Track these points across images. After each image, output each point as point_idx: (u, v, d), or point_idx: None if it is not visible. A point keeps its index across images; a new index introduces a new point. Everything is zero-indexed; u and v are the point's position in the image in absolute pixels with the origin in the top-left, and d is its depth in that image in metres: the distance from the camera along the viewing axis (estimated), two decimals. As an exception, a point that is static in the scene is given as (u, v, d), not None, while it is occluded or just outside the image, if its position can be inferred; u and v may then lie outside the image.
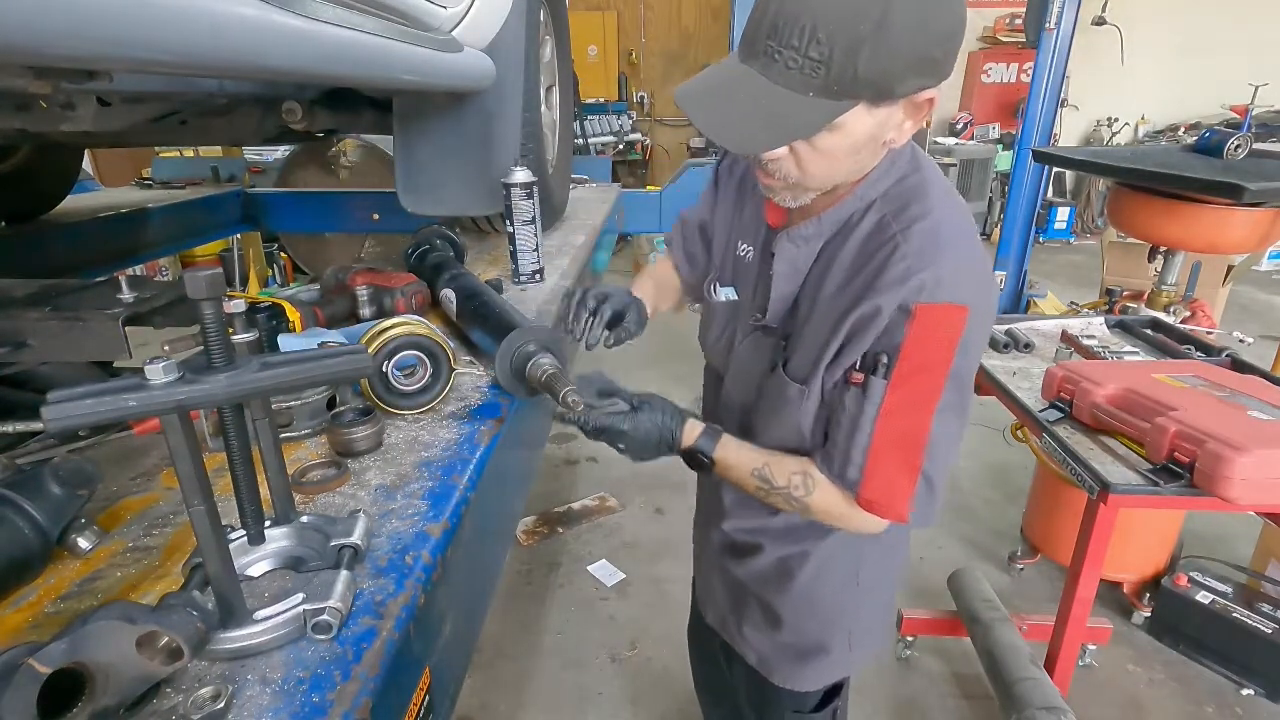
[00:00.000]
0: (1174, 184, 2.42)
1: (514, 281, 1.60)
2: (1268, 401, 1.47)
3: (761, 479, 0.94)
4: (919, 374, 0.81)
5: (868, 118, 0.75)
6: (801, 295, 0.93)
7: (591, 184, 3.25)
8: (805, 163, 0.79)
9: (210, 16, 0.66)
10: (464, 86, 1.51)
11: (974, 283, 0.82)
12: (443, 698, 0.73)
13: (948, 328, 0.80)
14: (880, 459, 0.85)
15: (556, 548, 2.84)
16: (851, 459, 0.86)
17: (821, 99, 0.71)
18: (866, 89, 0.71)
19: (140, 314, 1.03)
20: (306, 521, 0.71)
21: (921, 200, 0.84)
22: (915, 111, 0.79)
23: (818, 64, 0.69)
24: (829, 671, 1.15)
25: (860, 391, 0.83)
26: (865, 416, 0.84)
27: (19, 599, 0.66)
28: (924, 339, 0.80)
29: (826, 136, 0.75)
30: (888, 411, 0.83)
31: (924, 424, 0.83)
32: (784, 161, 0.80)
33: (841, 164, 0.81)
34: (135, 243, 2.36)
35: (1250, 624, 2.07)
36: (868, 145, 0.79)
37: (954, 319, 0.79)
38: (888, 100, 0.74)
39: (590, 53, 7.92)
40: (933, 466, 0.85)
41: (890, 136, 0.80)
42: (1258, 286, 5.99)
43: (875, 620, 1.17)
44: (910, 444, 0.84)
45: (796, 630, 1.11)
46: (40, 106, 1.02)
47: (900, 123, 0.79)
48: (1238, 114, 5.67)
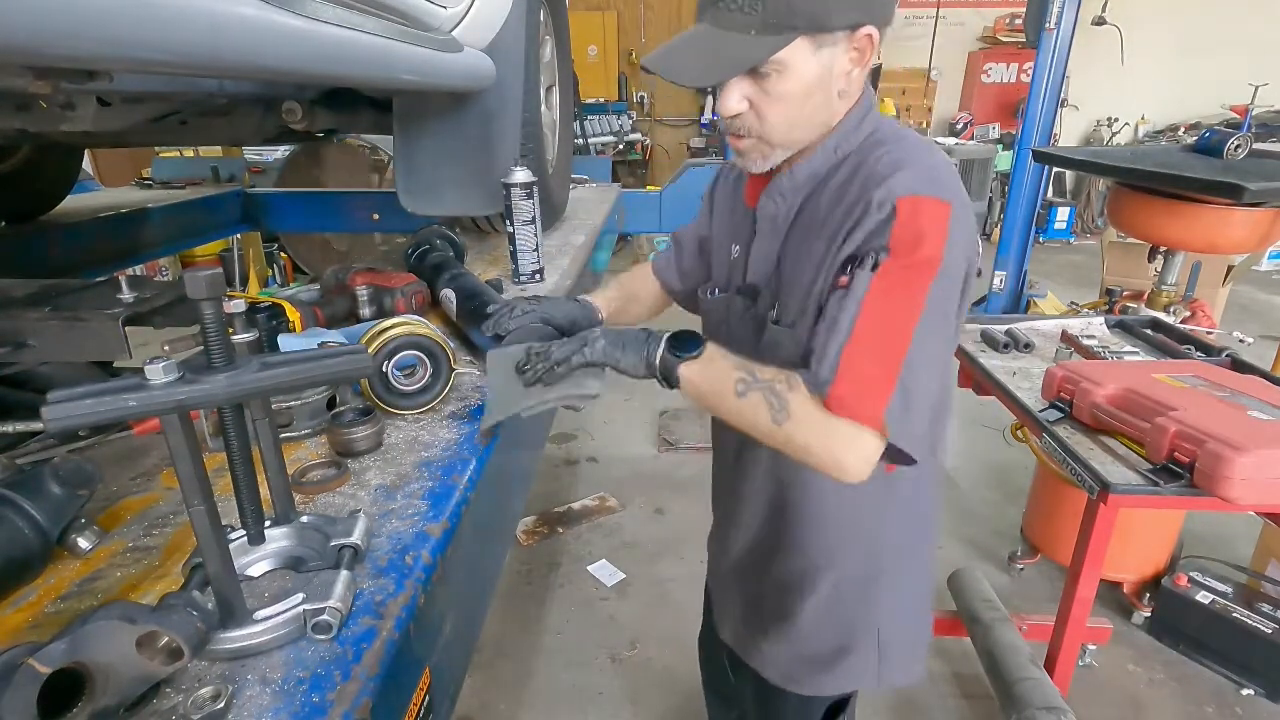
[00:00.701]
0: (1174, 184, 2.42)
1: (514, 281, 1.60)
2: (1268, 401, 1.47)
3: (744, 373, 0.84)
4: (906, 269, 0.79)
5: (812, 59, 0.81)
6: (784, 252, 0.94)
7: (591, 184, 3.25)
8: (763, 111, 0.85)
9: (210, 16, 0.66)
10: (464, 86, 1.51)
11: (951, 187, 0.83)
12: (443, 698, 0.73)
13: (932, 218, 0.80)
14: (855, 355, 0.79)
15: (556, 548, 2.84)
16: (827, 356, 0.80)
17: (763, 35, 0.79)
18: (802, 19, 0.78)
19: (140, 314, 1.03)
20: (306, 521, 0.71)
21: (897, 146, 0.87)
22: (859, 57, 0.84)
23: (755, 3, 0.78)
24: (856, 680, 1.11)
25: (844, 291, 0.81)
26: (846, 313, 0.80)
27: (19, 599, 0.66)
28: (911, 231, 0.79)
29: (778, 80, 0.82)
30: (870, 305, 0.79)
31: (908, 322, 0.79)
32: (746, 116, 0.85)
33: (797, 110, 0.85)
34: (135, 243, 2.36)
35: (1250, 624, 2.07)
36: (819, 90, 0.84)
37: (938, 210, 0.80)
38: (825, 32, 0.80)
39: (590, 53, 7.92)
40: (911, 378, 0.78)
41: (840, 86, 0.85)
42: (1258, 286, 5.99)
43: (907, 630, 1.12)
44: (889, 344, 0.79)
45: (820, 640, 1.08)
46: (40, 106, 1.02)
47: (847, 70, 0.84)
48: (1238, 114, 5.68)
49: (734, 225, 1.07)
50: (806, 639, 1.09)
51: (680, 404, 3.90)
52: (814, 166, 0.91)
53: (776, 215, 0.95)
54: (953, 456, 3.47)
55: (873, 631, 1.07)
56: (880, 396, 0.78)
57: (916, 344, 0.79)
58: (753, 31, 0.79)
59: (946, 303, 0.82)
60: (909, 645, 1.13)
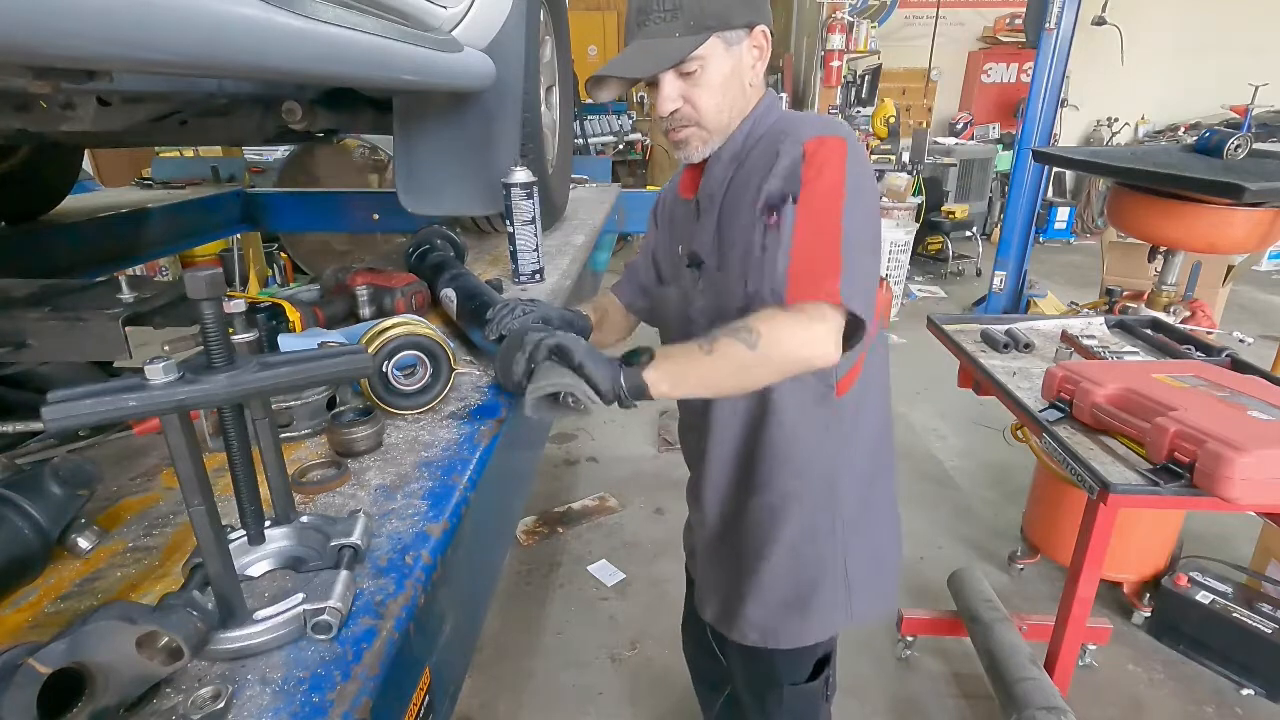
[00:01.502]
0: (1174, 184, 2.42)
1: (514, 281, 1.60)
2: (1268, 401, 1.47)
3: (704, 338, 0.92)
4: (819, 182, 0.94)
5: (725, 55, 1.00)
6: (720, 218, 1.07)
7: (591, 184, 3.26)
8: (696, 100, 1.02)
9: (211, 16, 0.66)
10: (464, 86, 1.51)
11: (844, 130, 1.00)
12: (443, 698, 0.73)
13: (837, 150, 0.96)
14: (799, 258, 0.93)
15: (556, 548, 2.84)
16: (776, 270, 0.94)
17: (685, 36, 0.97)
18: (713, 19, 0.97)
19: (140, 314, 1.02)
20: (306, 521, 0.71)
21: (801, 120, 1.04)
22: (759, 54, 1.04)
23: (674, 13, 0.97)
24: (829, 619, 1.18)
25: (777, 226, 0.95)
26: (784, 236, 0.94)
27: (19, 599, 0.66)
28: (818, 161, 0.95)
29: (702, 74, 1.00)
30: (800, 220, 0.94)
31: (835, 217, 0.93)
32: (683, 109, 1.02)
33: (721, 97, 1.02)
34: (135, 243, 2.36)
35: (1250, 624, 2.07)
36: (734, 80, 1.02)
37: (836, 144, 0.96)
38: (731, 29, 0.99)
39: (590, 53, 7.92)
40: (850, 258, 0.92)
41: (749, 78, 1.04)
42: (1258, 286, 5.99)
43: (871, 565, 1.19)
44: (825, 240, 0.93)
45: (792, 582, 1.15)
46: (40, 106, 1.02)
47: (752, 65, 1.03)
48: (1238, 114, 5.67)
49: (676, 228, 1.20)
50: (780, 584, 1.16)
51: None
52: (734, 147, 1.07)
53: (714, 193, 1.08)
54: (953, 456, 3.47)
55: (840, 567, 1.15)
56: (831, 276, 0.91)
57: (847, 232, 0.93)
58: (676, 35, 0.97)
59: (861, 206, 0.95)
60: (876, 579, 1.21)
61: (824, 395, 1.09)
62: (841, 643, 1.30)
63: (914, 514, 2.99)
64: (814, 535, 1.14)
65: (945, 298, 5.93)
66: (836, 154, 0.96)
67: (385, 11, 1.10)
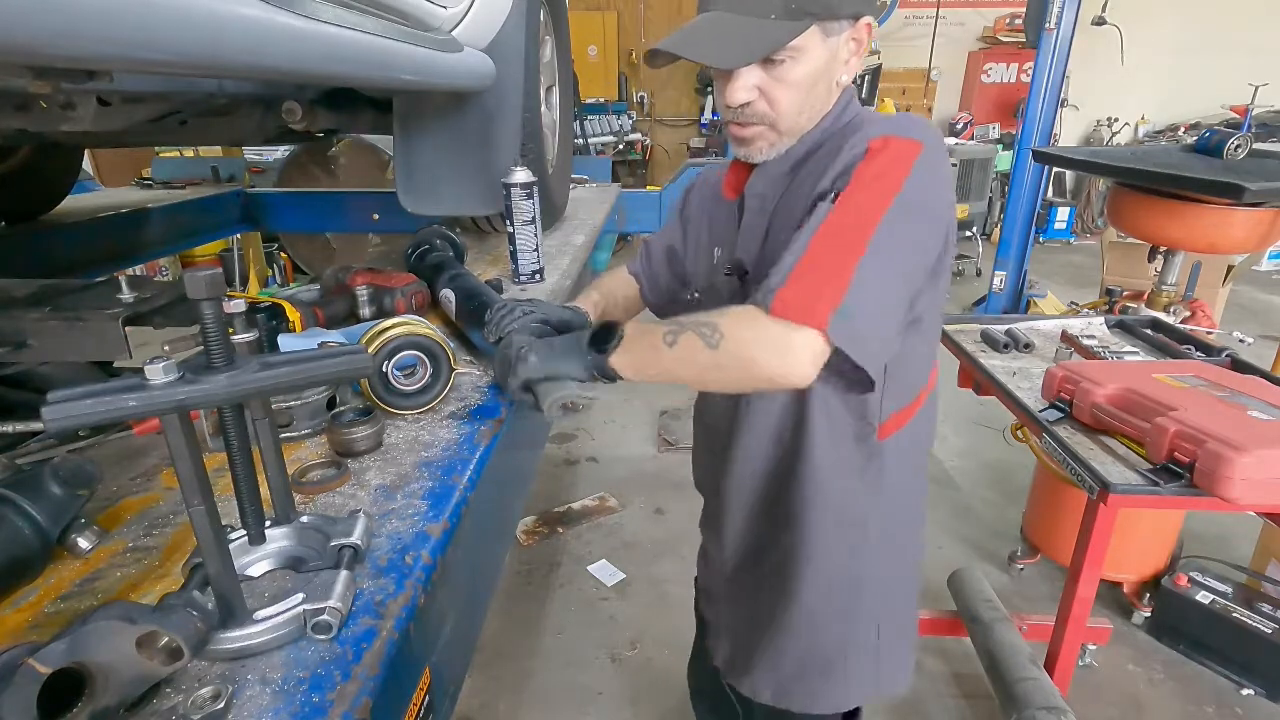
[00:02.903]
0: (1174, 184, 2.42)
1: (514, 281, 1.60)
2: (1268, 401, 1.47)
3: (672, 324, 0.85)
4: (863, 192, 0.80)
5: (821, 47, 0.86)
6: (770, 226, 0.95)
7: (591, 184, 3.25)
8: (775, 98, 0.88)
9: (211, 16, 0.66)
10: (464, 86, 1.51)
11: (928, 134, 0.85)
12: (443, 698, 0.73)
13: (900, 156, 0.82)
14: (806, 265, 0.78)
15: (556, 548, 2.84)
16: (781, 268, 0.80)
17: (783, 20, 0.82)
18: (818, 5, 0.83)
19: (140, 314, 1.02)
20: (306, 521, 0.71)
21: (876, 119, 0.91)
22: (857, 47, 0.90)
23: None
24: (856, 690, 1.09)
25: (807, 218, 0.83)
26: (804, 234, 0.81)
27: (19, 599, 0.66)
28: (874, 165, 0.81)
29: (791, 66, 0.85)
30: (826, 226, 0.80)
31: (861, 238, 0.78)
32: (757, 103, 0.88)
33: (805, 96, 0.89)
34: (135, 243, 2.36)
35: (1250, 624, 2.07)
36: (824, 77, 0.89)
37: (908, 149, 0.82)
38: (834, 19, 0.85)
39: (590, 53, 7.92)
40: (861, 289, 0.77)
41: (840, 74, 0.91)
42: (1258, 286, 5.99)
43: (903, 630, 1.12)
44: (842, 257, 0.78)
45: (812, 644, 1.06)
46: (40, 106, 1.02)
47: (846, 59, 0.90)
48: (1238, 114, 5.67)
49: (715, 228, 1.08)
50: (800, 645, 1.06)
51: (680, 404, 3.90)
52: (801, 146, 0.94)
53: (765, 194, 0.97)
54: (953, 456, 3.47)
55: (872, 631, 1.07)
56: (827, 299, 0.77)
57: (874, 249, 0.78)
58: (773, 16, 0.82)
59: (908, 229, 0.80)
60: (903, 649, 1.13)
61: (863, 434, 0.97)
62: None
63: (914, 514, 2.99)
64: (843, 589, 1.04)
65: (945, 298, 5.93)
66: (902, 158, 0.81)
67: (385, 11, 1.10)
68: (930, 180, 0.83)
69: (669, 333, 0.84)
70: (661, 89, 8.41)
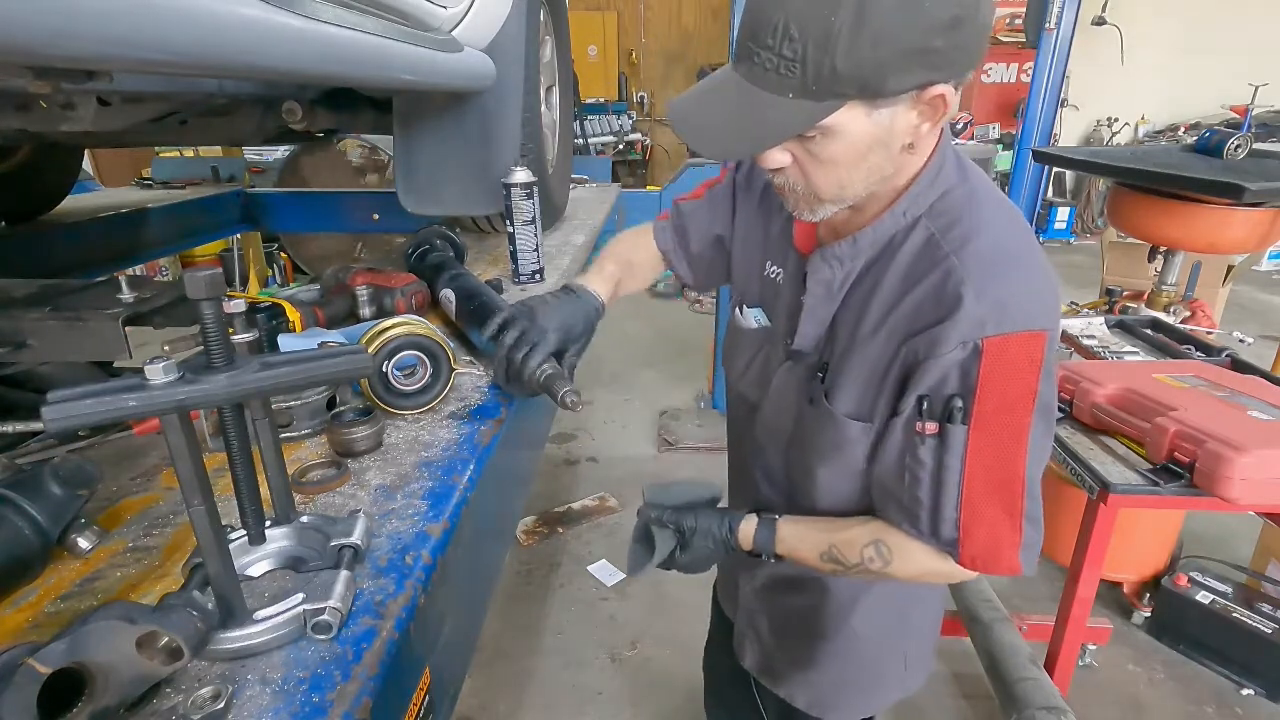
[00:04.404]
0: (1174, 184, 2.42)
1: (514, 281, 1.59)
2: (1268, 401, 1.47)
3: (833, 561, 0.87)
4: (1002, 413, 0.73)
5: (866, 120, 0.69)
6: (839, 320, 0.85)
7: (591, 184, 3.25)
8: (810, 173, 0.74)
9: (211, 16, 0.66)
10: (464, 86, 1.51)
11: (1046, 302, 0.74)
12: (443, 698, 0.73)
13: (1026, 358, 0.72)
14: (977, 512, 0.77)
15: (556, 548, 2.84)
16: (943, 516, 0.78)
17: (802, 100, 0.66)
18: (850, 86, 0.65)
19: (140, 314, 1.02)
20: (306, 521, 0.71)
21: (973, 214, 0.77)
22: (930, 111, 0.70)
23: (792, 62, 0.64)
24: (886, 696, 1.11)
25: (938, 441, 0.76)
26: (949, 469, 0.76)
27: (19, 599, 0.66)
28: (1000, 375, 0.72)
29: (824, 143, 0.70)
30: (975, 459, 0.75)
31: (1018, 465, 0.75)
32: (789, 171, 0.76)
33: (849, 173, 0.74)
34: (135, 243, 2.36)
35: (1250, 624, 2.07)
36: (876, 150, 0.72)
37: (1031, 347, 0.72)
38: (881, 98, 0.67)
39: (590, 53, 7.92)
40: (1034, 506, 0.77)
41: (907, 141, 0.73)
42: (1258, 286, 5.99)
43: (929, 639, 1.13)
44: (1007, 490, 0.76)
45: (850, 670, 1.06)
46: (40, 106, 1.02)
47: (915, 125, 0.71)
48: (1238, 114, 5.67)
49: (771, 243, 0.96)
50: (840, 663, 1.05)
51: (680, 404, 3.90)
52: (879, 232, 0.80)
53: (832, 282, 0.84)
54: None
55: (902, 645, 1.07)
56: (1014, 545, 0.78)
57: (1030, 482, 0.77)
58: (790, 95, 0.66)
59: (1048, 410, 0.76)
60: (928, 649, 1.14)
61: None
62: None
63: (914, 514, 2.99)
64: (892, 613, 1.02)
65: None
66: (1031, 365, 0.72)
67: (385, 11, 1.10)
68: (1052, 373, 0.75)
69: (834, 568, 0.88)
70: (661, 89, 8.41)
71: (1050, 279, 0.77)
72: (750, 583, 1.14)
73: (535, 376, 0.96)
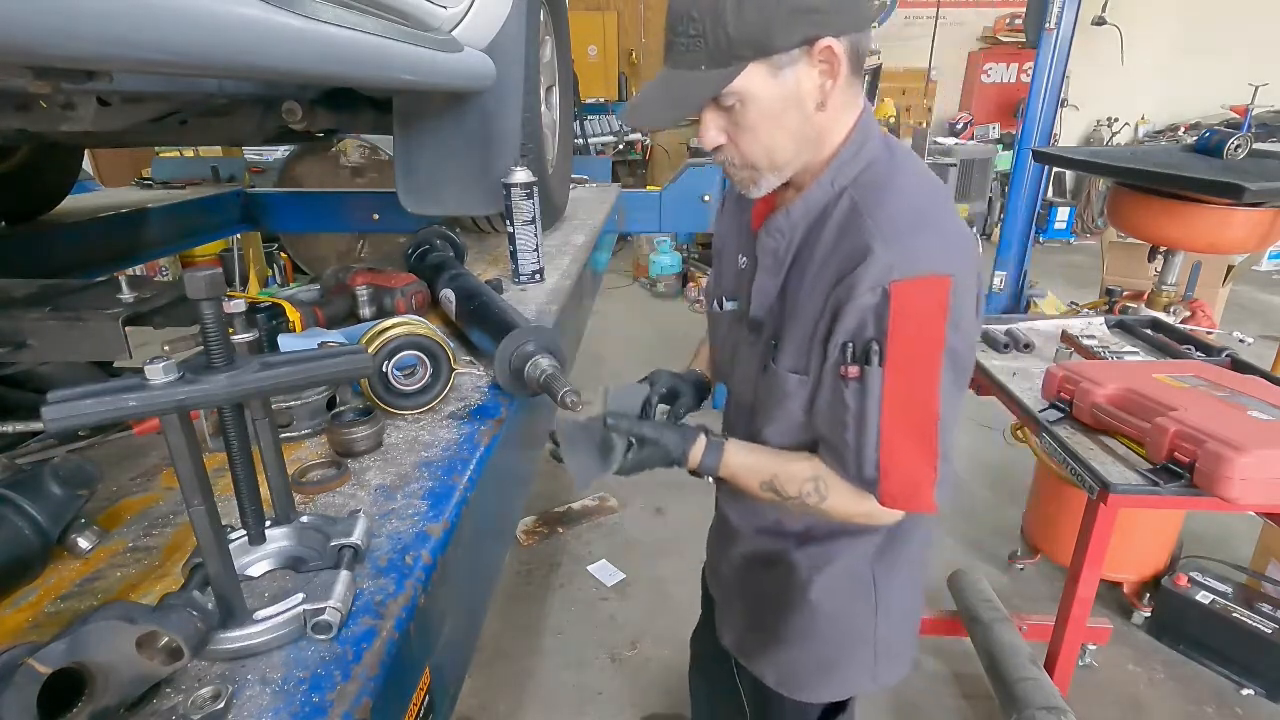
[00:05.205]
0: (1174, 184, 2.42)
1: (514, 281, 1.60)
2: (1268, 401, 1.47)
3: (772, 490, 0.94)
4: (913, 354, 0.80)
5: (772, 81, 0.79)
6: (787, 288, 0.93)
7: (591, 184, 3.25)
8: (740, 143, 0.85)
9: (211, 16, 0.66)
10: (464, 86, 1.51)
11: (951, 253, 0.82)
12: (443, 698, 0.73)
13: (933, 302, 0.79)
14: (895, 452, 0.84)
15: (556, 548, 2.84)
16: (865, 457, 0.85)
17: (711, 70, 0.78)
18: (746, 48, 0.76)
19: (140, 314, 1.02)
20: (306, 521, 0.71)
21: (891, 182, 0.85)
22: (828, 67, 0.80)
23: (697, 39, 0.77)
24: (853, 683, 1.14)
25: (859, 385, 0.83)
26: (869, 410, 0.83)
27: (19, 599, 0.66)
28: (909, 317, 0.79)
29: (744, 111, 0.81)
30: (891, 400, 0.82)
31: (931, 405, 0.82)
32: (726, 148, 0.86)
33: (772, 136, 0.83)
34: (135, 243, 2.36)
35: (1250, 624, 2.07)
36: (789, 111, 0.81)
37: (937, 291, 0.79)
38: (772, 54, 0.77)
39: (590, 53, 7.91)
40: (947, 444, 0.85)
41: (817, 100, 0.82)
42: (1258, 286, 5.99)
43: (902, 628, 1.14)
44: (923, 432, 0.83)
45: (815, 645, 1.10)
46: (40, 106, 1.02)
47: (819, 84, 0.81)
48: (1238, 114, 5.67)
49: (741, 236, 1.05)
50: (806, 643, 1.09)
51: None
52: (810, 202, 0.89)
53: (777, 250, 0.93)
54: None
55: (871, 631, 1.09)
56: (929, 483, 0.85)
57: (942, 419, 0.83)
58: (702, 67, 0.78)
59: (958, 359, 0.83)
60: (903, 643, 1.15)
61: None
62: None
63: (914, 514, 2.99)
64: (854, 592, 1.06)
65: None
66: (936, 307, 0.79)
67: (385, 11, 1.10)
68: (963, 312, 0.81)
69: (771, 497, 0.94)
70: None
71: (962, 236, 0.84)
72: (729, 563, 1.19)
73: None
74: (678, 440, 0.96)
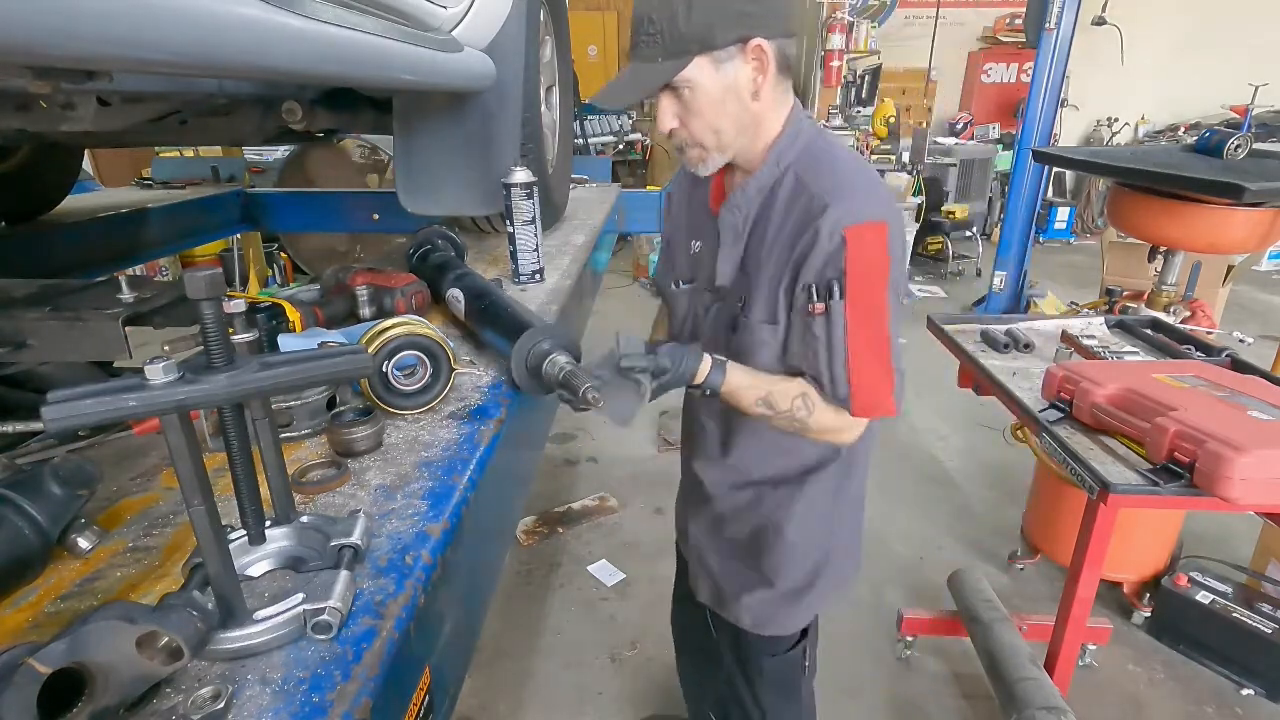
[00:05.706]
0: (1174, 184, 2.42)
1: (514, 281, 1.59)
2: (1268, 401, 1.47)
3: (766, 405, 1.06)
4: (867, 285, 0.99)
5: (714, 72, 0.96)
6: (747, 255, 1.09)
7: (591, 184, 3.25)
8: (690, 125, 1.01)
9: (211, 16, 0.66)
10: (464, 86, 1.51)
11: (884, 205, 1.01)
12: (443, 698, 0.73)
13: (875, 242, 0.98)
14: (861, 370, 1.01)
15: (556, 548, 2.84)
16: (838, 376, 1.02)
17: (667, 61, 0.95)
18: (693, 44, 0.94)
19: (140, 314, 1.03)
20: (306, 521, 0.71)
21: (829, 160, 1.04)
22: (758, 63, 0.97)
23: (655, 36, 0.94)
24: (811, 608, 1.28)
25: (825, 319, 1.00)
26: (835, 337, 1.00)
27: (19, 599, 0.66)
28: (862, 255, 0.97)
29: (692, 97, 0.97)
30: (853, 326, 0.99)
31: (884, 326, 1.01)
32: (679, 131, 1.02)
33: (716, 118, 0.99)
34: (135, 243, 2.36)
35: (1250, 624, 2.07)
36: (729, 99, 0.98)
37: (880, 233, 0.98)
38: (715, 50, 0.94)
39: (590, 53, 7.91)
40: (896, 362, 1.03)
41: (751, 90, 0.99)
42: (1258, 286, 5.99)
43: (850, 547, 1.30)
44: (879, 350, 1.02)
45: (789, 578, 1.23)
46: (40, 106, 1.02)
47: (752, 77, 0.98)
48: (1238, 114, 5.67)
49: (693, 224, 1.21)
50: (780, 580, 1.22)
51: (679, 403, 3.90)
52: (761, 180, 1.06)
53: (736, 224, 1.10)
54: (953, 456, 3.47)
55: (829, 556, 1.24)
56: (888, 393, 1.04)
57: (893, 341, 1.03)
58: (659, 59, 0.95)
59: (897, 289, 1.02)
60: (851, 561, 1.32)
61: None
62: (841, 642, 1.31)
63: (914, 514, 2.99)
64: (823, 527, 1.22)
65: (945, 298, 5.93)
66: (879, 245, 0.98)
67: (385, 11, 1.10)
68: (898, 250, 1.01)
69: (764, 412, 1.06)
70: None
71: (889, 193, 1.07)
72: (697, 523, 1.33)
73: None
74: (692, 360, 1.05)
